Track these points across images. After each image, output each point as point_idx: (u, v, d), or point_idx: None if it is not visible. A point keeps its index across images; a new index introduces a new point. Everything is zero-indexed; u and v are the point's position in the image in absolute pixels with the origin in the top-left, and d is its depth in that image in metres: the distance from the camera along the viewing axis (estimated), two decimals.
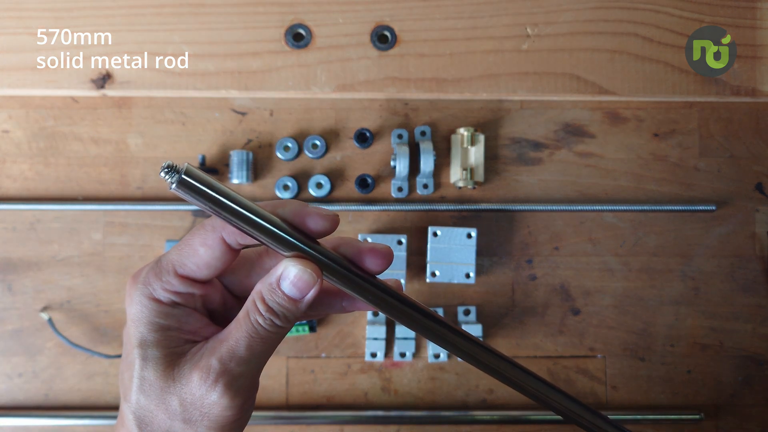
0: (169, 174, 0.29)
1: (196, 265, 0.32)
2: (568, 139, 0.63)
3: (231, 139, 0.62)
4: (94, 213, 0.61)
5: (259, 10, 0.60)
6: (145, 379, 0.31)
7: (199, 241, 0.32)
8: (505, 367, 0.33)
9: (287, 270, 0.31)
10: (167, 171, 0.29)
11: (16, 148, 0.62)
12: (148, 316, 0.32)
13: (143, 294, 0.32)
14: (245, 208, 0.30)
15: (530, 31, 0.60)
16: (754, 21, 0.60)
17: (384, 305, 0.32)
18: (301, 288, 0.31)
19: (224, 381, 0.31)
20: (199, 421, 0.31)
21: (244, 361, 0.31)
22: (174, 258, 0.32)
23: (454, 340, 0.33)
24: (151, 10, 0.59)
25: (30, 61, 0.59)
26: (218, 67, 0.59)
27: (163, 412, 0.31)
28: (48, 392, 0.61)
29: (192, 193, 0.29)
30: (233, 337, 0.31)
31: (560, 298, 0.62)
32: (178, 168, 0.29)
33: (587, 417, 0.34)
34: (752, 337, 0.62)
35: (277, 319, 0.31)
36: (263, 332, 0.31)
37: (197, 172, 0.29)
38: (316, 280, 0.31)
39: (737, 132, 0.63)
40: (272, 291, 0.31)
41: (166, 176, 0.29)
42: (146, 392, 0.31)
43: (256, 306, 0.31)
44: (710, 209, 0.61)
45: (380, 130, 0.62)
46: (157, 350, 0.32)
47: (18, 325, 0.61)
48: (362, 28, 0.60)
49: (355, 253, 0.33)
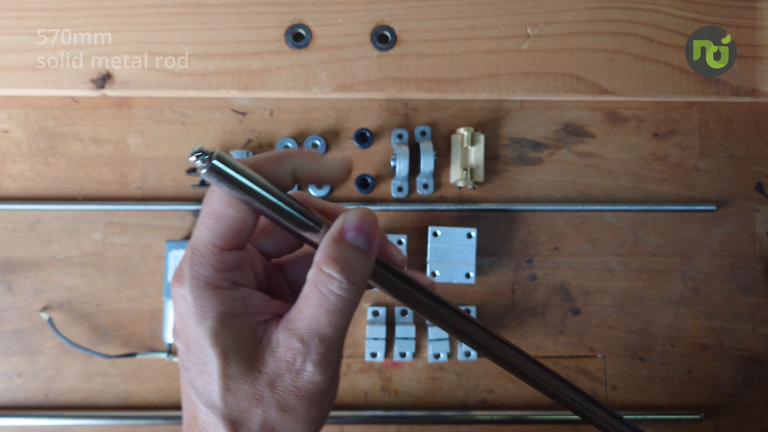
0: (200, 158, 0.28)
1: (234, 230, 0.29)
2: (568, 139, 0.63)
3: (231, 139, 0.62)
4: (94, 213, 0.61)
5: (259, 10, 0.60)
6: (230, 377, 0.29)
7: (222, 204, 0.29)
8: (517, 359, 0.33)
9: (349, 219, 0.29)
10: (198, 155, 0.28)
11: (16, 148, 0.62)
12: (212, 308, 0.29)
13: (198, 287, 0.29)
14: (277, 197, 0.29)
15: (530, 31, 0.60)
16: (754, 21, 0.60)
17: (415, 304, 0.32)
18: (369, 233, 0.29)
19: (312, 360, 0.29)
20: (296, 404, 0.29)
21: (327, 337, 0.29)
22: (207, 235, 0.29)
23: (485, 339, 0.33)
24: (151, 10, 0.59)
25: (30, 61, 0.59)
26: (218, 67, 0.59)
27: (256, 405, 0.29)
28: (48, 392, 0.61)
29: (223, 180, 0.28)
30: (308, 313, 0.29)
31: (560, 298, 0.62)
32: (209, 152, 0.28)
33: (612, 422, 0.35)
34: (752, 337, 0.62)
35: (353, 276, 0.29)
36: (339, 299, 0.29)
37: (229, 158, 0.28)
38: (377, 220, 0.30)
39: (737, 132, 0.63)
40: (340, 247, 0.29)
41: (197, 161, 0.28)
42: (234, 391, 0.29)
43: (324, 271, 0.29)
44: (710, 209, 0.61)
45: (380, 130, 0.62)
46: (233, 340, 0.29)
47: (18, 325, 0.61)
48: (362, 28, 0.60)
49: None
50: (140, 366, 0.61)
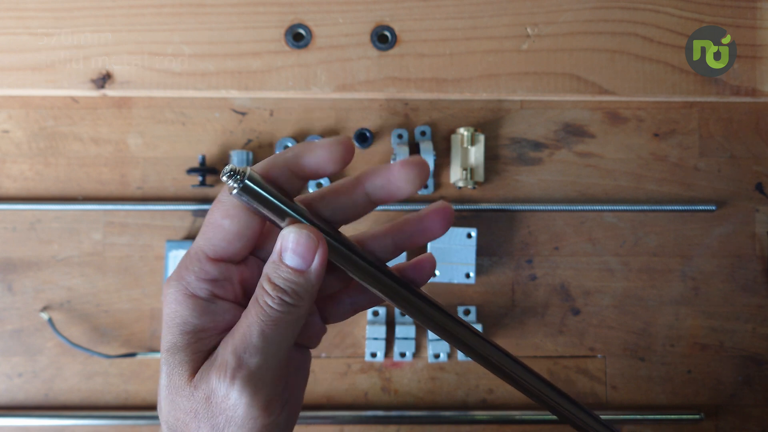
0: (232, 178, 0.28)
1: (226, 241, 0.29)
2: (568, 139, 0.63)
3: (231, 139, 0.62)
4: (94, 213, 0.61)
5: (259, 10, 0.60)
6: (172, 387, 0.29)
7: (220, 215, 0.29)
8: (509, 365, 0.32)
9: (285, 239, 0.28)
10: (230, 175, 0.28)
11: (16, 148, 0.62)
12: (183, 316, 0.29)
13: (178, 291, 0.29)
14: (305, 218, 0.29)
15: (530, 31, 0.60)
16: (754, 21, 0.60)
17: (395, 297, 0.31)
18: (303, 254, 0.28)
19: (241, 376, 0.28)
20: (225, 427, 0.28)
21: (258, 350, 0.28)
22: (201, 243, 0.29)
23: (468, 338, 0.32)
24: (151, 10, 0.59)
25: (30, 61, 0.59)
26: (218, 67, 0.59)
27: (193, 419, 0.29)
28: (48, 392, 0.61)
29: (253, 200, 0.28)
30: (244, 325, 0.28)
31: (560, 298, 0.62)
32: (241, 172, 0.28)
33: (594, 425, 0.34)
34: (752, 337, 0.62)
35: (285, 296, 0.28)
36: (274, 314, 0.28)
37: (259, 178, 0.28)
38: (316, 242, 0.28)
39: (737, 132, 0.63)
40: (276, 266, 0.29)
41: (229, 180, 0.28)
42: (174, 401, 0.29)
43: (263, 287, 0.29)
44: (710, 209, 0.61)
45: (380, 130, 0.62)
46: (186, 354, 0.29)
47: (18, 325, 0.61)
48: (362, 28, 0.60)
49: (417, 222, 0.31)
50: (140, 366, 0.61)
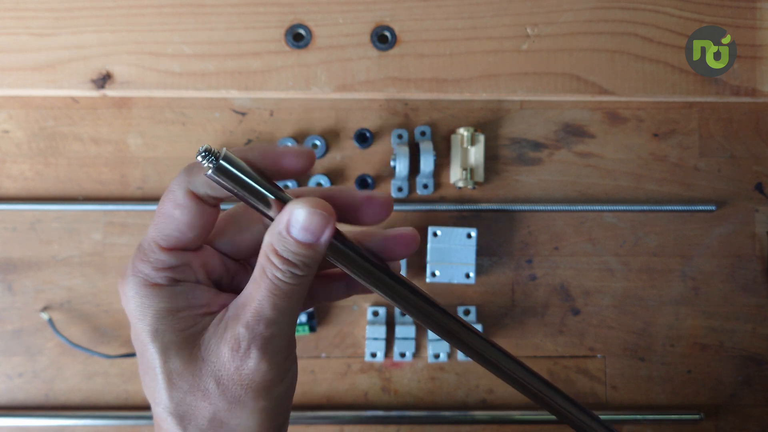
0: (206, 158, 0.28)
1: (177, 231, 0.29)
2: (567, 139, 0.63)
3: (231, 139, 0.62)
4: (94, 213, 0.61)
5: (260, 11, 0.60)
6: (171, 371, 0.29)
7: (171, 205, 0.29)
8: (506, 363, 0.33)
9: (295, 215, 0.28)
10: (205, 155, 0.28)
11: (16, 148, 0.62)
12: (151, 305, 0.29)
13: (136, 284, 0.29)
14: (276, 196, 0.29)
15: (530, 32, 0.60)
16: (754, 21, 0.60)
17: (382, 286, 0.31)
18: (314, 231, 0.28)
19: (257, 346, 0.28)
20: (243, 395, 0.29)
21: (272, 321, 0.28)
22: (153, 234, 0.29)
23: (458, 332, 0.32)
24: (152, 10, 0.59)
25: (30, 61, 0.59)
26: (218, 67, 0.59)
27: (202, 399, 0.29)
28: (48, 392, 0.61)
29: (228, 180, 0.28)
30: (255, 299, 0.28)
31: (560, 298, 0.62)
32: (216, 153, 0.28)
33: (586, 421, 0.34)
34: (752, 337, 0.62)
35: (296, 269, 0.28)
36: (285, 287, 0.28)
37: (236, 159, 0.28)
38: (329, 219, 0.28)
39: (737, 132, 0.63)
40: (283, 240, 0.28)
41: (204, 161, 0.28)
42: (177, 385, 0.29)
43: (271, 260, 0.28)
44: (710, 209, 0.61)
45: (380, 131, 0.62)
46: (174, 335, 0.29)
47: (18, 325, 0.61)
48: (362, 28, 0.60)
49: (381, 241, 0.32)
50: None
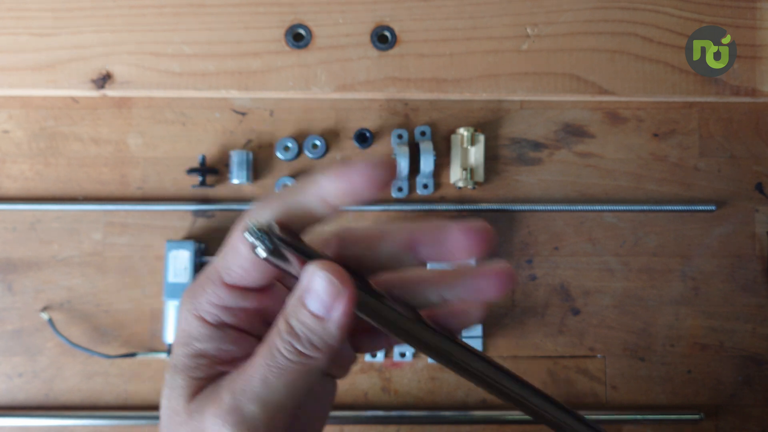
0: (258, 238, 0.24)
1: (242, 269, 0.26)
2: (567, 139, 0.63)
3: (231, 139, 0.62)
4: (94, 213, 0.61)
5: (260, 11, 0.60)
6: (170, 409, 0.28)
7: (240, 239, 0.26)
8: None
9: (313, 278, 0.25)
10: (256, 235, 0.24)
11: (16, 148, 0.62)
12: (189, 338, 0.28)
13: (188, 310, 0.28)
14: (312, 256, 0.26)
15: (530, 32, 0.60)
16: (754, 21, 0.60)
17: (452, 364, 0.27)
18: (325, 299, 0.25)
19: (232, 420, 0.25)
20: None
21: (258, 398, 0.25)
22: (219, 264, 0.27)
23: (537, 402, 0.28)
24: (152, 10, 0.59)
25: (30, 62, 0.59)
26: (218, 67, 0.59)
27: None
28: (48, 392, 0.61)
29: (279, 261, 0.25)
30: (249, 366, 0.26)
31: (560, 298, 0.62)
32: (266, 228, 0.24)
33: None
34: (752, 337, 0.62)
35: (298, 343, 0.25)
36: (282, 362, 0.25)
37: (286, 237, 0.25)
38: (339, 286, 0.25)
39: (737, 132, 0.63)
40: (296, 307, 0.25)
41: (255, 241, 0.24)
42: (171, 425, 0.28)
43: (278, 326, 0.26)
44: (710, 209, 0.61)
45: (380, 131, 0.62)
46: (183, 379, 0.28)
47: (18, 325, 0.61)
48: (362, 28, 0.60)
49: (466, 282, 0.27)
50: (140, 366, 0.61)
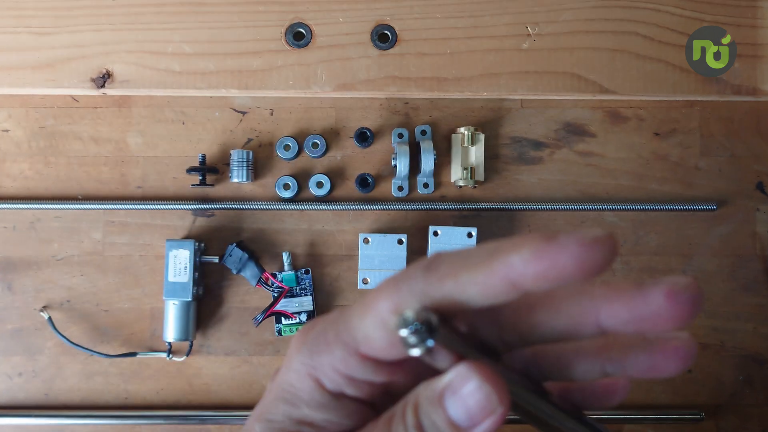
0: (416, 334, 0.20)
1: (386, 342, 0.21)
2: (568, 138, 0.63)
3: (231, 139, 0.62)
4: (94, 212, 0.61)
5: (260, 9, 0.59)
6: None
7: (391, 307, 0.20)
8: None
9: (459, 379, 0.20)
10: (414, 331, 0.20)
11: (16, 148, 0.62)
12: (297, 399, 0.23)
13: (303, 364, 0.23)
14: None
15: (531, 30, 0.60)
16: (755, 20, 0.60)
17: None
18: (473, 413, 0.20)
19: None
20: None
21: None
22: (355, 325, 0.21)
23: None
24: (152, 9, 0.59)
25: (30, 60, 0.59)
26: (218, 66, 0.59)
27: None
28: (48, 392, 0.61)
29: (434, 359, 0.20)
30: None
31: None
32: (425, 322, 0.20)
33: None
34: (753, 336, 0.62)
35: None
36: None
37: (449, 333, 0.20)
38: (496, 406, 0.20)
39: (738, 131, 0.63)
40: (433, 404, 0.20)
41: (411, 336, 0.20)
42: None
43: (404, 416, 0.21)
44: (711, 208, 0.61)
45: (381, 130, 0.62)
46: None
47: (18, 324, 0.61)
48: (362, 27, 0.60)
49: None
50: (140, 366, 0.61)
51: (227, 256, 0.60)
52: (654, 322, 0.19)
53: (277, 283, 0.60)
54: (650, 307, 0.19)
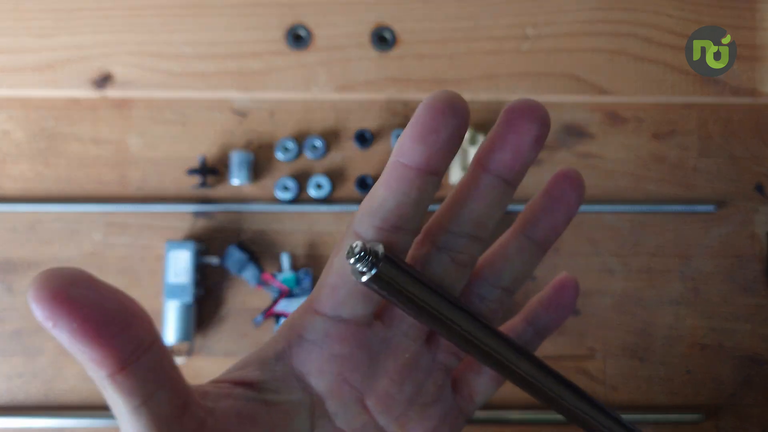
0: (362, 262, 0.22)
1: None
2: (567, 139, 0.63)
3: (231, 140, 0.62)
4: (94, 213, 0.61)
5: (260, 12, 0.60)
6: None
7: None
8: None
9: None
10: (359, 257, 0.22)
11: (16, 149, 0.62)
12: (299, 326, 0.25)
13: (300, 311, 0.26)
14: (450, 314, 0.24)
15: (530, 32, 0.60)
16: (754, 22, 0.61)
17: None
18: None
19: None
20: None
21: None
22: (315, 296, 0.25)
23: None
24: (152, 11, 0.59)
25: (30, 62, 0.59)
26: (218, 68, 0.59)
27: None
28: (48, 392, 0.61)
29: (386, 289, 0.23)
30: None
31: None
32: (373, 252, 0.22)
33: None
34: (752, 337, 0.62)
35: None
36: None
37: (397, 262, 0.23)
38: None
39: (737, 132, 0.63)
40: None
41: (358, 264, 0.22)
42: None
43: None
44: (710, 210, 0.61)
45: (380, 131, 0.62)
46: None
47: (18, 325, 0.61)
48: (362, 28, 0.60)
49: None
50: None
51: (227, 257, 0.60)
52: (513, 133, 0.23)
53: (276, 284, 0.60)
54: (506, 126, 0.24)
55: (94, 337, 0.19)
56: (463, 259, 0.25)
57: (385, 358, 0.25)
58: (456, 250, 0.25)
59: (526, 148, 0.24)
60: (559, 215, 0.26)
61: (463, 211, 0.25)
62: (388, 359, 0.25)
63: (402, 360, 0.26)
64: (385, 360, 0.25)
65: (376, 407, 0.26)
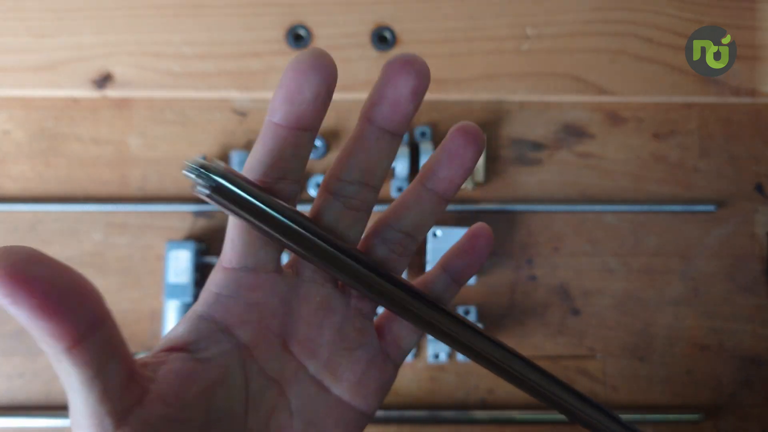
0: (200, 175, 0.23)
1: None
2: (567, 139, 0.63)
3: (231, 140, 0.62)
4: (94, 213, 0.61)
5: (260, 11, 0.60)
6: None
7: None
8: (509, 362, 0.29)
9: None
10: (197, 172, 0.23)
11: (16, 149, 0.62)
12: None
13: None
14: (297, 223, 0.25)
15: (530, 32, 0.60)
16: (754, 22, 0.61)
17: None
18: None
19: None
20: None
21: None
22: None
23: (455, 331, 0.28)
24: (152, 11, 0.59)
25: (30, 62, 0.59)
26: (218, 67, 0.59)
27: None
28: (48, 392, 0.61)
29: (227, 203, 0.24)
30: None
31: (560, 298, 0.62)
32: (211, 168, 0.23)
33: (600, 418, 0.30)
34: (752, 337, 0.62)
35: None
36: None
37: (235, 177, 0.24)
38: None
39: (737, 132, 0.63)
40: None
41: (197, 178, 0.23)
42: None
43: None
44: (710, 210, 0.61)
45: None
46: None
47: (18, 325, 0.61)
48: (362, 28, 0.60)
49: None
50: None
51: None
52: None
53: None
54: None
55: (54, 312, 0.19)
56: (355, 204, 0.27)
57: (299, 304, 0.27)
58: (348, 196, 0.27)
59: (404, 101, 0.26)
60: (455, 169, 0.28)
61: (352, 161, 0.27)
62: (301, 305, 0.27)
63: (314, 304, 0.28)
64: (299, 306, 0.27)
65: (302, 353, 0.28)
